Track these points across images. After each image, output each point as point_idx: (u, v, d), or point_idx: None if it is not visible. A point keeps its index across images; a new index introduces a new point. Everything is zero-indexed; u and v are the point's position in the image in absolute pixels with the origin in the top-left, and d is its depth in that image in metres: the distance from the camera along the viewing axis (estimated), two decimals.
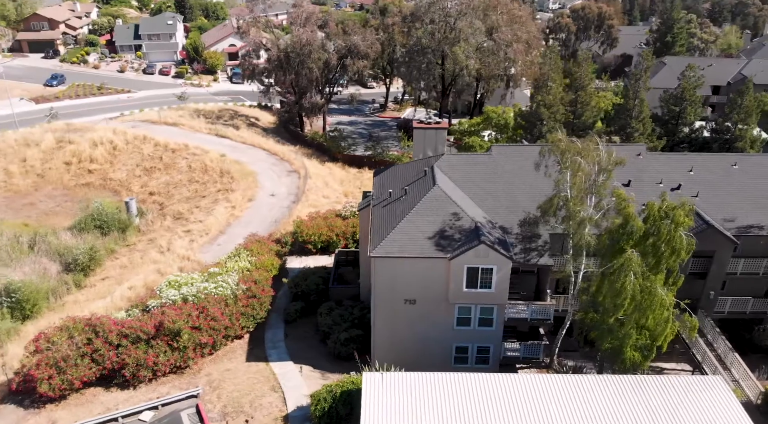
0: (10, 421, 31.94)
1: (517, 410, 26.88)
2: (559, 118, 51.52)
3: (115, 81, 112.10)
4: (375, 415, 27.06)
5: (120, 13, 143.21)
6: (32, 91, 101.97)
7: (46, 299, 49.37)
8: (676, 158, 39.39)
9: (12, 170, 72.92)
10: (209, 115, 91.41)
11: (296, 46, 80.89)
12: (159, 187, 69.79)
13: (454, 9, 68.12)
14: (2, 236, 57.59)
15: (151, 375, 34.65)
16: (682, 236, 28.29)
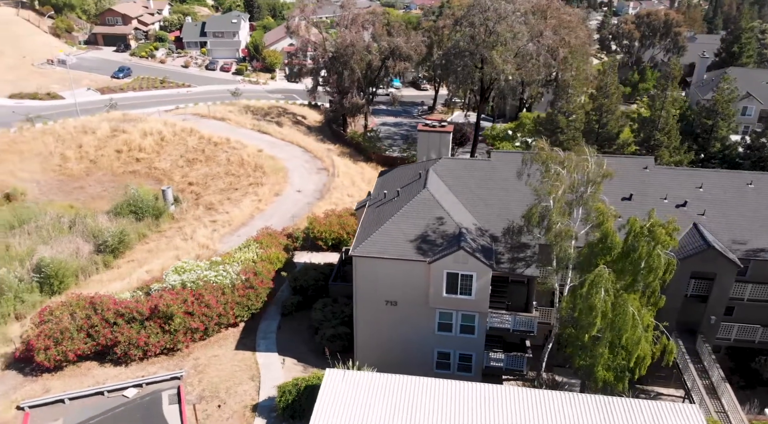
0: (9, 386, 34.54)
1: (465, 418, 26.50)
2: (578, 127, 49.70)
3: (177, 75, 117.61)
4: (327, 410, 27.41)
5: (191, 10, 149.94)
6: (99, 82, 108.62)
7: (75, 277, 52.72)
8: (686, 173, 37.33)
9: (68, 155, 78.07)
10: (258, 111, 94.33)
11: (340, 46, 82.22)
12: (198, 178, 72.80)
13: (492, 12, 67.05)
14: (46, 215, 61.89)
15: (142, 354, 36.46)
16: (660, 255, 26.88)
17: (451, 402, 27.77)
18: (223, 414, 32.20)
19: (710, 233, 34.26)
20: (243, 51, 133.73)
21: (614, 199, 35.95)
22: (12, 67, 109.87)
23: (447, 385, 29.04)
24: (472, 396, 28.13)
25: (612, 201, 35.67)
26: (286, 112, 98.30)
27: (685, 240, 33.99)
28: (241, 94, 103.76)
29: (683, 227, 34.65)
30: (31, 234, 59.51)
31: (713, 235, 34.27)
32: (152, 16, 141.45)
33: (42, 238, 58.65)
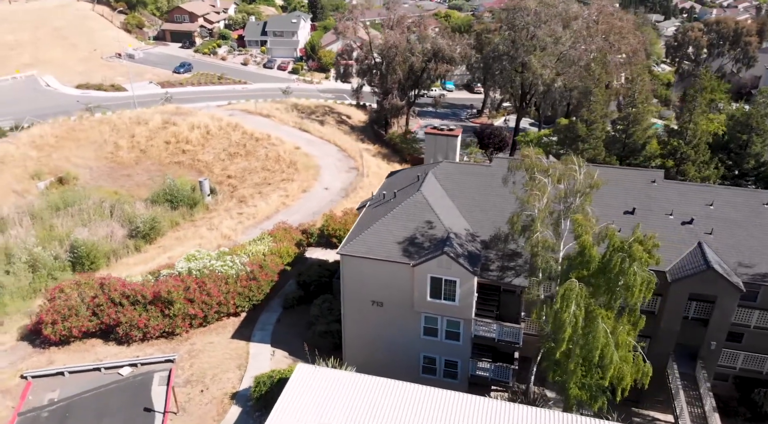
0: (18, 356, 37.12)
1: None
2: (599, 136, 47.66)
3: (235, 72, 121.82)
4: (289, 403, 27.89)
5: (255, 10, 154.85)
6: (161, 76, 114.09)
7: (107, 258, 55.91)
8: (697, 189, 35.28)
9: (121, 144, 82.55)
10: (304, 110, 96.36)
11: (383, 47, 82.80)
12: (236, 172, 75.25)
13: (533, 16, 65.62)
14: (89, 199, 65.80)
15: (141, 336, 38.23)
16: (635, 272, 25.64)
17: (412, 407, 27.62)
18: (204, 399, 33.32)
19: (715, 254, 32.30)
20: (300, 50, 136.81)
21: (616, 212, 34.63)
22: (83, 59, 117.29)
23: (413, 389, 28.92)
24: (435, 403, 27.88)
25: (613, 214, 34.44)
26: (332, 111, 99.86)
27: (686, 259, 32.20)
28: (291, 93, 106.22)
29: (688, 246, 32.91)
30: (74, 216, 63.48)
31: (719, 256, 32.29)
32: (218, 14, 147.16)
33: (82, 220, 62.46)
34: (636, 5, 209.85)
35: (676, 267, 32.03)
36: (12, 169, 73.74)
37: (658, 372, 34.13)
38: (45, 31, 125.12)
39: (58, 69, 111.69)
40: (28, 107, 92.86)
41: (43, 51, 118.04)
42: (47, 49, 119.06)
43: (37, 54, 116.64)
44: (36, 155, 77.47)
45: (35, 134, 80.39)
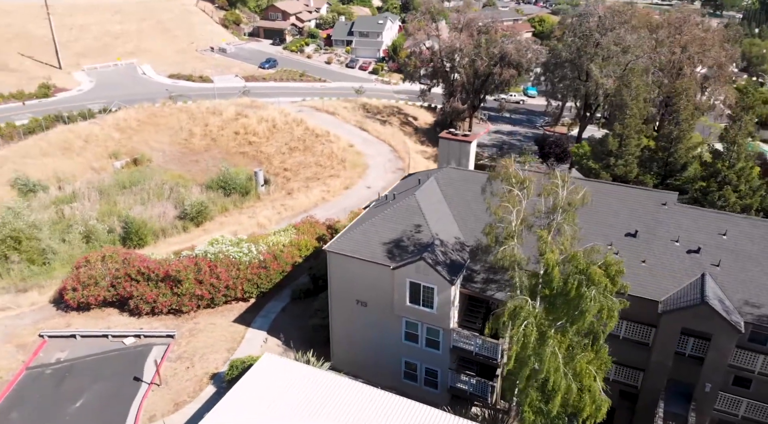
0: (42, 317, 40.88)
1: None
2: (633, 152, 44.22)
3: (317, 70, 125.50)
4: (244, 390, 28.79)
5: (346, 10, 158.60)
6: (247, 71, 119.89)
7: (155, 236, 59.98)
8: (711, 217, 32.21)
9: (195, 132, 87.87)
10: (371, 109, 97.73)
11: (448, 50, 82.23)
12: (292, 165, 77.86)
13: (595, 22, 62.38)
14: (152, 180, 70.74)
15: (150, 310, 40.80)
16: (591, 298, 24.02)
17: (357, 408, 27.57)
18: (186, 375, 35.05)
19: (719, 288, 29.48)
20: (384, 51, 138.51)
21: (617, 233, 32.54)
22: (180, 50, 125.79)
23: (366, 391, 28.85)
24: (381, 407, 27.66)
25: (614, 235, 32.42)
26: (400, 112, 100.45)
27: (685, 291, 29.63)
28: (364, 92, 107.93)
29: (690, 276, 30.27)
30: (136, 195, 68.59)
31: (723, 291, 29.44)
32: (310, 13, 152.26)
33: (142, 199, 67.36)
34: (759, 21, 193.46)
35: (672, 298, 29.59)
36: (94, 148, 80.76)
37: (649, 410, 31.81)
38: (150, 23, 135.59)
39: (155, 58, 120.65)
40: (123, 92, 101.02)
41: (146, 41, 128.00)
42: (149, 39, 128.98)
43: (140, 44, 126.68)
44: (118, 137, 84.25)
45: (120, 117, 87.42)
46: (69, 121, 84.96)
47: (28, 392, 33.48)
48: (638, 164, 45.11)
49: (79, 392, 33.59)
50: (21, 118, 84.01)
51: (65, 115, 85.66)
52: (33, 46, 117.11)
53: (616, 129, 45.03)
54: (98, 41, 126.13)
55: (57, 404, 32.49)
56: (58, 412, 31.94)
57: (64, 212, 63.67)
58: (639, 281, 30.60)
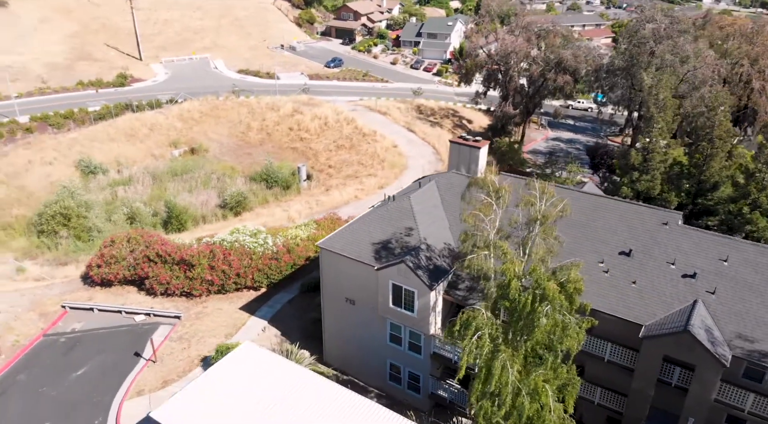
0: (68, 289, 44.12)
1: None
2: (657, 167, 41.31)
3: (381, 70, 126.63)
4: (216, 374, 29.94)
5: (419, 12, 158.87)
6: (313, 69, 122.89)
7: (195, 222, 63.05)
8: (714, 240, 29.96)
9: (252, 126, 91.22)
10: (425, 110, 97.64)
11: (502, 53, 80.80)
12: (336, 163, 79.27)
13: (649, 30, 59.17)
14: (202, 170, 74.22)
15: (163, 290, 43.04)
16: (542, 314, 23.17)
17: (318, 403, 27.97)
18: (181, 356, 36.77)
19: (711, 317, 27.52)
20: (450, 53, 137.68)
21: (610, 251, 31.09)
22: (252, 47, 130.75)
23: (331, 388, 29.19)
24: (341, 405, 27.92)
25: (606, 252, 31.05)
26: (454, 114, 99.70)
27: (672, 316, 27.88)
28: (421, 93, 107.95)
29: (682, 302, 28.44)
30: (186, 182, 72.26)
31: (716, 320, 27.45)
32: (381, 14, 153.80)
33: (190, 186, 70.87)
34: None
35: (657, 323, 27.94)
36: (157, 136, 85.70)
37: None
38: (227, 19, 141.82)
39: (228, 54, 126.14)
40: (193, 85, 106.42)
41: (222, 37, 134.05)
42: (225, 35, 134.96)
43: (216, 39, 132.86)
44: (180, 127, 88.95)
45: (184, 108, 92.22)
46: (137, 109, 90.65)
47: (38, 358, 36.33)
48: (666, 181, 42.41)
49: (83, 362, 36.07)
50: (94, 105, 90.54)
51: (134, 104, 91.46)
52: (118, 38, 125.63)
53: (641, 141, 42.51)
54: (179, 36, 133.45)
55: (61, 371, 35.06)
56: (59, 378, 34.47)
57: (118, 194, 68.19)
58: (626, 303, 29.15)
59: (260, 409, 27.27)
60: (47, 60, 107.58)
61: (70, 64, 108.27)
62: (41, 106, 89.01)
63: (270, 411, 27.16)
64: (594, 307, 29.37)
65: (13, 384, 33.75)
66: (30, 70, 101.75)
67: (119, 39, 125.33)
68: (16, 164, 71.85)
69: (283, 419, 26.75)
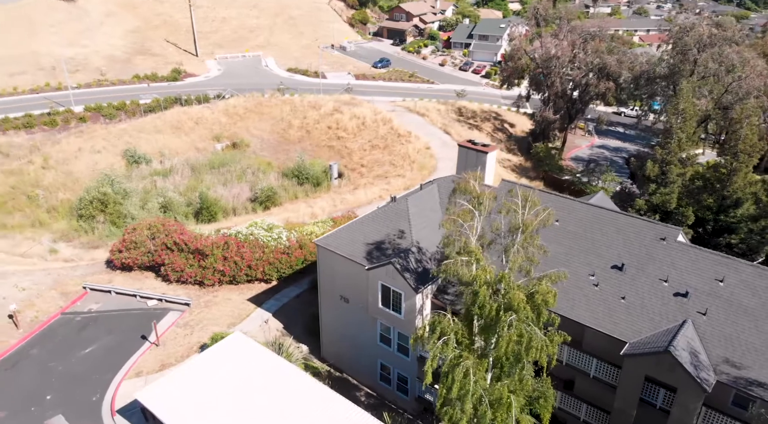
0: (91, 271, 46.54)
1: None
2: (674, 180, 39.18)
3: (428, 72, 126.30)
4: (202, 361, 31.10)
5: (473, 13, 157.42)
6: (360, 69, 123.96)
7: (225, 213, 65.13)
8: (712, 259, 28.48)
9: (293, 123, 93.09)
10: (466, 113, 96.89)
11: (544, 57, 79.27)
12: (369, 162, 79.87)
13: (693, 38, 56.53)
14: (238, 164, 76.45)
15: (177, 277, 44.77)
16: (507, 324, 22.82)
17: (294, 395, 28.56)
18: (182, 341, 38.18)
19: (698, 339, 26.31)
20: (501, 56, 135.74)
21: (603, 264, 30.21)
22: (303, 46, 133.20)
23: (308, 383, 29.71)
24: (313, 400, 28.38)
25: (598, 265, 30.21)
26: (497, 117, 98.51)
27: (658, 335, 26.83)
28: (465, 95, 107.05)
29: (671, 321, 27.33)
30: (222, 175, 74.63)
31: (704, 343, 26.22)
32: (434, 15, 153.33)
33: (225, 179, 73.16)
34: None
35: (642, 341, 26.96)
36: (201, 130, 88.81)
37: None
38: (282, 18, 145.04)
39: (280, 52, 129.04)
40: (243, 82, 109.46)
41: (275, 36, 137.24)
42: (278, 34, 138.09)
43: (269, 38, 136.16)
44: (224, 121, 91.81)
45: (230, 104, 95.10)
46: (185, 103, 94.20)
47: (53, 334, 38.61)
48: (685, 195, 40.38)
49: (93, 340, 38.07)
50: (145, 98, 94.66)
51: (183, 98, 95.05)
52: (177, 35, 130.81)
53: (658, 153, 40.62)
54: (235, 34, 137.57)
55: (71, 348, 37.14)
56: (68, 354, 36.52)
57: (157, 184, 71.19)
58: (613, 319, 28.27)
59: (236, 396, 28.09)
60: (108, 53, 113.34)
61: (129, 58, 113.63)
62: (96, 97, 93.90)
63: (245, 399, 27.94)
64: (580, 321, 28.83)
65: (26, 358, 36.04)
66: (91, 63, 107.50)
67: (178, 35, 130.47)
68: (67, 151, 76.18)
69: (256, 406, 27.46)
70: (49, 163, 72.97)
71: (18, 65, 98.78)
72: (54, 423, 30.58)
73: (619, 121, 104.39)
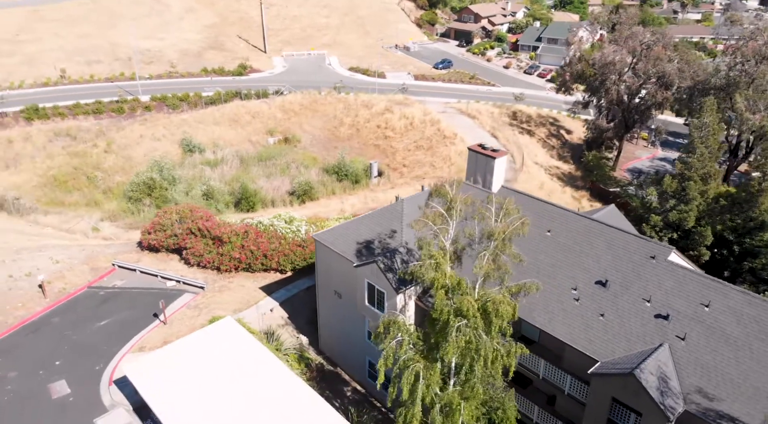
0: (123, 250, 49.61)
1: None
2: (693, 197, 36.38)
3: (490, 74, 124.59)
4: (190, 341, 32.69)
5: (545, 16, 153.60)
6: (420, 69, 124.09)
7: (264, 205, 67.52)
8: (700, 282, 26.72)
9: (345, 121, 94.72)
10: (520, 117, 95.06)
11: (599, 63, 76.50)
12: (411, 162, 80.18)
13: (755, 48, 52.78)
14: (282, 158, 78.82)
15: (197, 262, 46.97)
16: (453, 327, 22.63)
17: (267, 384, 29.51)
18: (187, 322, 40.07)
19: (672, 364, 24.94)
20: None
21: (587, 278, 29.20)
22: (367, 46, 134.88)
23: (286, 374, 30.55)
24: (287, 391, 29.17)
25: (581, 279, 29.27)
26: (554, 123, 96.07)
27: (631, 357, 25.66)
28: (523, 99, 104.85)
29: (647, 344, 26.07)
30: (267, 168, 77.26)
31: (677, 368, 24.84)
32: (504, 17, 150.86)
33: (269, 172, 75.70)
34: None
35: (613, 361, 25.89)
36: (257, 123, 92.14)
37: None
38: (350, 18, 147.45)
39: (344, 51, 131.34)
40: (305, 79, 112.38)
41: (342, 35, 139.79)
42: (345, 33, 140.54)
43: (336, 37, 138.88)
44: (280, 117, 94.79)
45: (287, 100, 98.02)
46: (245, 97, 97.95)
47: (76, 305, 41.63)
48: (706, 214, 37.70)
49: (109, 314, 40.74)
50: (208, 91, 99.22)
51: (243, 92, 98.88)
52: (250, 31, 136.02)
53: (677, 168, 38.09)
54: (303, 32, 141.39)
55: (89, 320, 39.93)
56: (84, 326, 39.30)
57: (205, 173, 74.71)
58: (588, 335, 27.30)
59: (208, 378, 29.41)
60: (182, 47, 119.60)
61: (201, 52, 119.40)
62: (164, 87, 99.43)
63: (217, 382, 29.19)
64: (555, 335, 28.04)
65: (47, 325, 39.13)
66: (165, 55, 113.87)
67: (250, 32, 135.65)
68: (129, 137, 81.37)
69: (225, 390, 28.62)
70: (112, 148, 78.25)
71: (96, 55, 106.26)
72: (56, 387, 33.10)
73: (680, 132, 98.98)
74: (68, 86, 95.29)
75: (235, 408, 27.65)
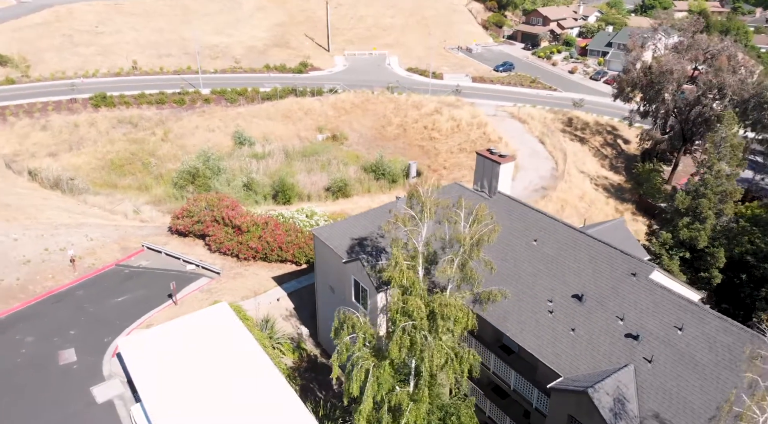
0: (154, 232, 52.49)
1: None
2: (707, 215, 33.67)
3: (553, 78, 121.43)
4: (183, 322, 34.43)
5: (619, 20, 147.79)
6: (480, 71, 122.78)
7: (300, 198, 69.45)
8: (678, 304, 25.26)
9: (393, 121, 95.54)
10: (575, 123, 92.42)
11: (656, 72, 73.14)
12: (451, 165, 79.81)
13: None
14: (325, 155, 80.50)
15: (217, 249, 49.08)
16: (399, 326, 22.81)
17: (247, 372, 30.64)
18: (196, 304, 41.91)
19: (634, 386, 23.92)
20: None
21: (564, 291, 28.49)
22: (428, 47, 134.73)
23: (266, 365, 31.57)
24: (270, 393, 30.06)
25: (559, 291, 28.62)
26: (611, 132, 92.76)
27: (594, 375, 24.83)
28: (582, 106, 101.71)
29: (613, 363, 25.14)
30: (310, 163, 79.28)
31: (638, 391, 23.81)
32: (575, 20, 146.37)
33: (310, 167, 77.63)
34: None
35: (575, 378, 25.15)
36: (308, 120, 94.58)
37: None
38: (415, 18, 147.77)
39: (405, 52, 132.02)
40: (362, 78, 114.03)
41: (405, 35, 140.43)
42: (408, 34, 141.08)
43: (399, 37, 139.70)
44: (331, 114, 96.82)
45: (339, 98, 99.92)
46: (299, 94, 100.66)
47: (101, 280, 44.60)
48: (722, 234, 35.09)
49: (128, 291, 43.38)
50: (266, 87, 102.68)
51: (299, 89, 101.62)
52: (316, 30, 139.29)
53: (691, 184, 35.54)
54: (368, 32, 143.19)
55: (107, 295, 42.71)
56: (104, 300, 42.06)
57: (251, 165, 77.62)
58: (555, 349, 26.64)
59: (191, 358, 30.93)
60: (249, 44, 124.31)
61: (265, 49, 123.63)
62: (226, 82, 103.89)
63: (197, 361, 30.65)
64: (523, 345, 27.55)
65: (70, 297, 42.21)
66: (231, 51, 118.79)
67: (317, 31, 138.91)
68: (186, 127, 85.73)
69: (202, 374, 30.01)
70: (168, 137, 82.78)
71: (167, 48, 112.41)
72: (65, 354, 35.75)
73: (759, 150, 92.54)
74: (138, 77, 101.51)
75: (203, 391, 28.89)
